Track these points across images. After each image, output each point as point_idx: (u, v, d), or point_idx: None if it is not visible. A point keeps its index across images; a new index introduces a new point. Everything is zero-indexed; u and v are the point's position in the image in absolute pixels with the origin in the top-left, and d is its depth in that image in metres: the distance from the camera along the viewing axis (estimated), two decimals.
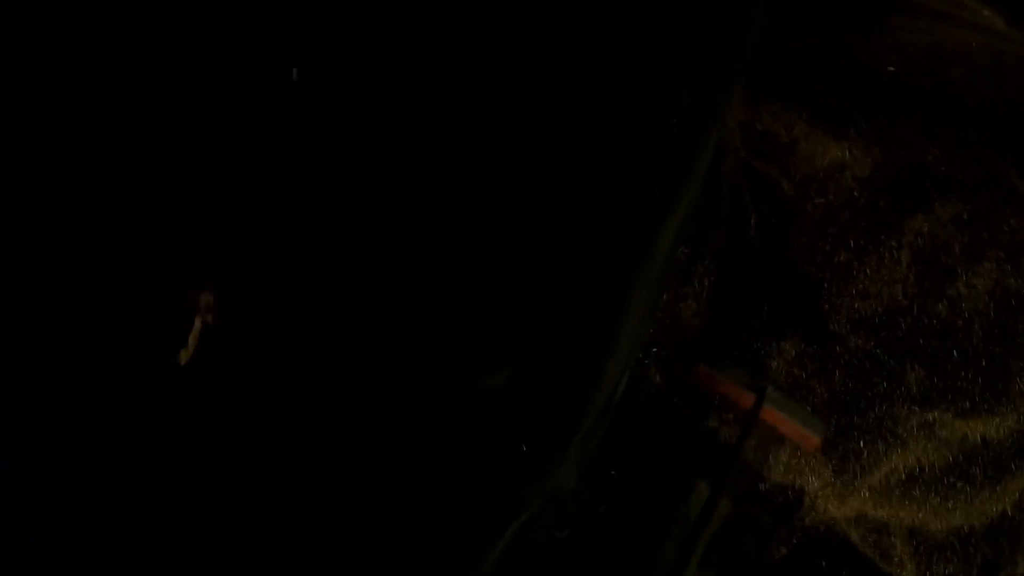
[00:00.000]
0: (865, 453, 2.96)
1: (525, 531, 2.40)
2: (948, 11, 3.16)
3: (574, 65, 2.20)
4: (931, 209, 2.97)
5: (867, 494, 2.99)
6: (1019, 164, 3.02)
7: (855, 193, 2.96)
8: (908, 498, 2.99)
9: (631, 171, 2.29)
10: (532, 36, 2.16)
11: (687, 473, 2.85)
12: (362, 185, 2.07)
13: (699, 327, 3.01)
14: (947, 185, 3.00)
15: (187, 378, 1.98)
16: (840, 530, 2.99)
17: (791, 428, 2.86)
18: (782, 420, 2.84)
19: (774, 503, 2.99)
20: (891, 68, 3.03)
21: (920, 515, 2.99)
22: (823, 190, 2.97)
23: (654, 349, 2.97)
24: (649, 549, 2.82)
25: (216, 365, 2.01)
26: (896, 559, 2.99)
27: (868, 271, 2.95)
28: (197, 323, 1.94)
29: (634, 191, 2.31)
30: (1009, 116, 3.06)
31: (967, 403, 2.97)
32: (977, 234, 2.98)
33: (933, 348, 2.96)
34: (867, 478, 2.98)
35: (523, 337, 2.20)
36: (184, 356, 1.94)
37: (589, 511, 2.78)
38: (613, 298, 2.30)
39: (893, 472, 2.98)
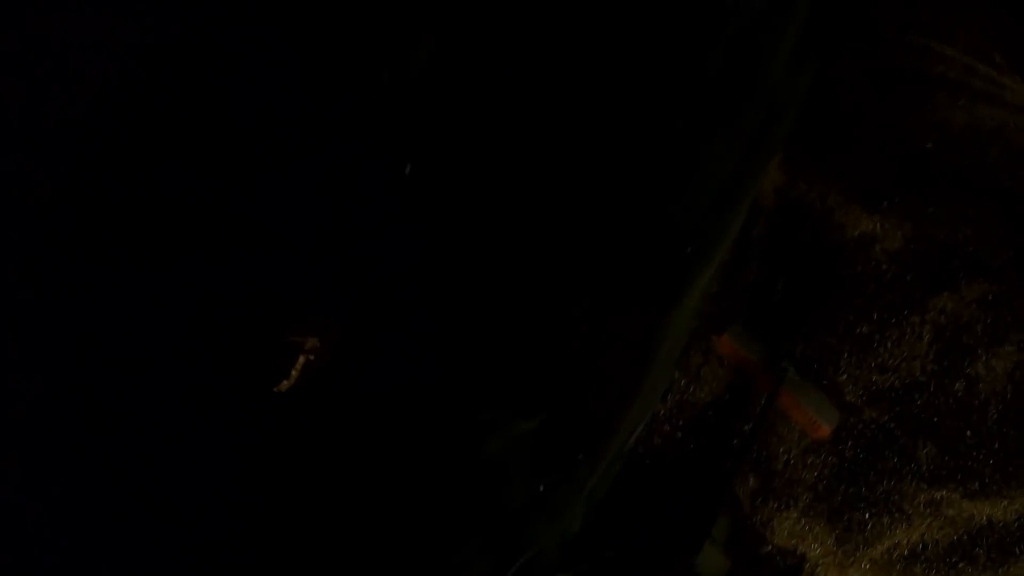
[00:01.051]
0: (870, 525, 2.96)
1: (527, 570, 2.41)
2: (989, 90, 3.17)
3: (617, 118, 2.21)
4: (957, 288, 2.97)
5: (868, 566, 2.98)
6: None
7: (883, 266, 2.96)
8: (909, 574, 2.99)
9: (665, 226, 2.30)
10: (571, 87, 2.17)
11: (698, 527, 2.86)
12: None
13: (718, 385, 3.02)
14: (975, 265, 2.99)
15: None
16: None
17: (803, 414, 2.87)
18: (796, 405, 2.86)
19: (774, 567, 2.98)
20: (929, 144, 3.03)
21: None
22: (851, 261, 2.97)
23: (673, 395, 2.98)
24: None
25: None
26: None
27: (889, 345, 2.95)
28: (301, 360, 2.01)
29: (668, 247, 2.32)
30: None
31: (976, 484, 2.96)
32: (1000, 316, 2.98)
33: (947, 426, 2.95)
34: (869, 550, 2.97)
35: (560, 385, 2.22)
36: (286, 385, 2.03)
37: (595, 555, 2.78)
38: (643, 347, 2.31)
39: (896, 547, 2.97)
